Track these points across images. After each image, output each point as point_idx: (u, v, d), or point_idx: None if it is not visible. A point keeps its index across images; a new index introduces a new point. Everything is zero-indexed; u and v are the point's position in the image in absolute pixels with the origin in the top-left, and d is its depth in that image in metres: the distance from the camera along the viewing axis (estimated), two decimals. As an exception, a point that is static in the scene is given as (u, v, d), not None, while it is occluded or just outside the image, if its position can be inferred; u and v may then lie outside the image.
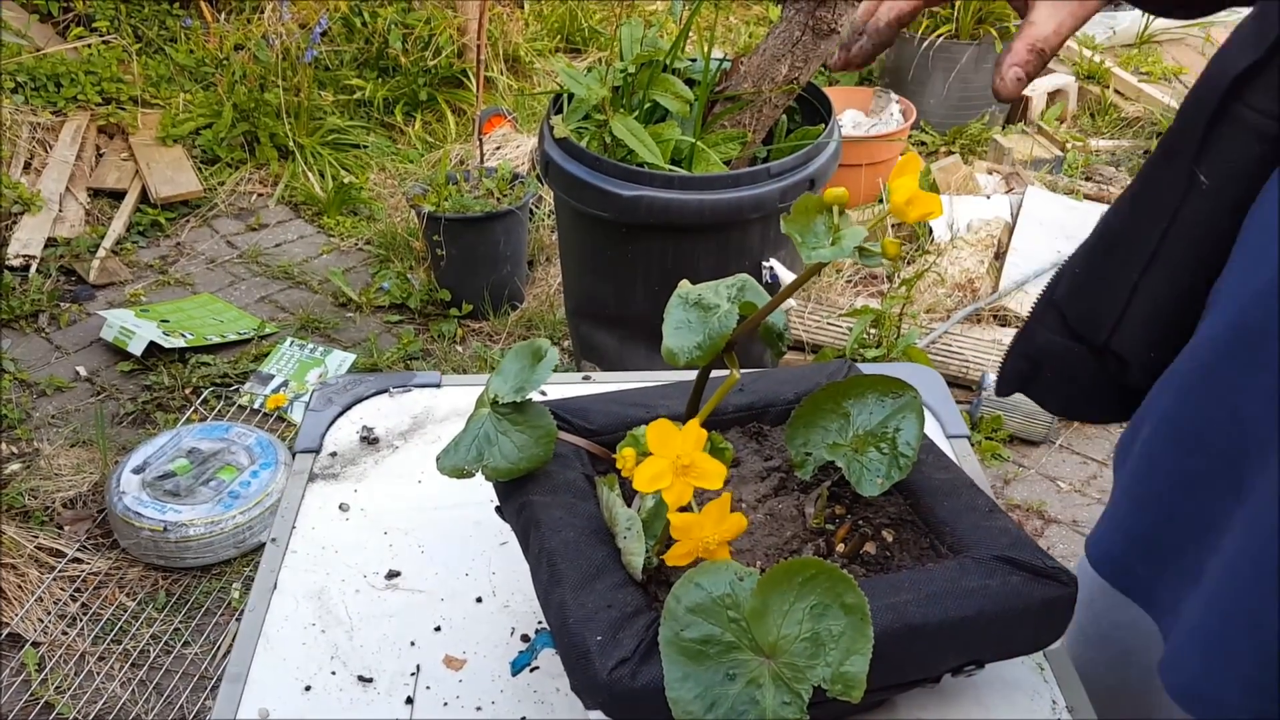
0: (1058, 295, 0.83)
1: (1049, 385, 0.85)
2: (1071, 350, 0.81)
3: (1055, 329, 0.82)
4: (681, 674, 0.62)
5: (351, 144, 3.75)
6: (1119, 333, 0.76)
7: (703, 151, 2.23)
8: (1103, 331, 0.78)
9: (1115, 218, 0.79)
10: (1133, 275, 0.75)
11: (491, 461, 0.79)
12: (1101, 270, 0.79)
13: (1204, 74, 0.69)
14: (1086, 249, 0.81)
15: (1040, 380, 0.85)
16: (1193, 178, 0.69)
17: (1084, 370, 0.81)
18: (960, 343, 2.84)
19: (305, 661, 0.85)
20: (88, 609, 2.18)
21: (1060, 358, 0.82)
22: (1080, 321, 0.80)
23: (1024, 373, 0.86)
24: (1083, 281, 0.80)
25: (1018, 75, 0.70)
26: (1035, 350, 0.84)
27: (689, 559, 0.68)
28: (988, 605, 0.70)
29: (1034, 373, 0.85)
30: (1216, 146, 0.67)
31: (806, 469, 0.82)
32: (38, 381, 2.76)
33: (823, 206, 0.63)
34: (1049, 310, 0.83)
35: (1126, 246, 0.76)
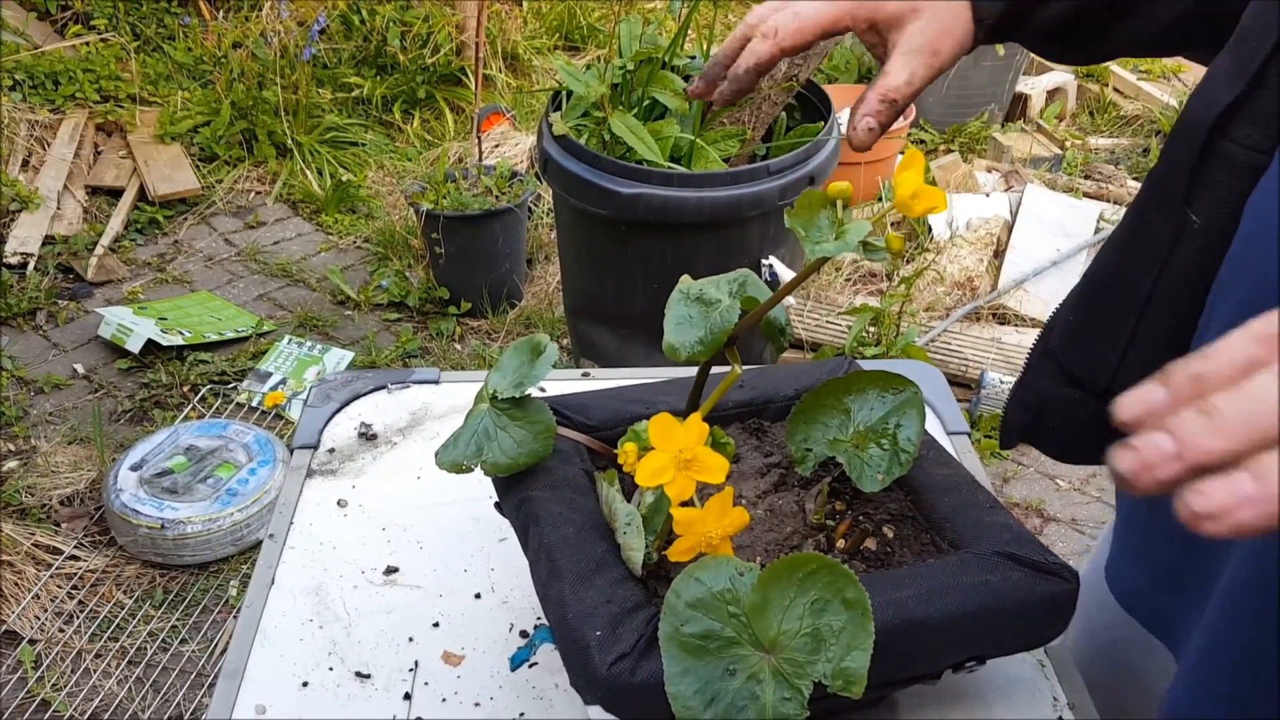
0: (1053, 344, 0.81)
1: (1052, 433, 0.83)
2: (1072, 398, 0.79)
3: (1054, 378, 0.80)
4: (681, 669, 0.62)
5: (350, 142, 3.74)
6: (1119, 379, 0.74)
7: (702, 149, 2.23)
8: (1103, 379, 0.76)
9: (1105, 265, 0.76)
10: (1128, 323, 0.72)
11: (491, 457, 0.79)
12: (1095, 319, 0.77)
13: (1184, 114, 0.68)
14: (1077, 296, 0.79)
15: (1043, 429, 0.83)
16: (1183, 218, 0.67)
17: (1087, 416, 0.79)
18: (959, 341, 2.84)
19: (303, 657, 0.84)
20: (85, 606, 2.18)
21: (1062, 406, 0.80)
22: (1079, 370, 0.78)
23: (1027, 423, 0.84)
24: (1077, 330, 0.78)
25: (869, 125, 0.70)
26: (1035, 400, 0.82)
27: (691, 554, 0.68)
28: (989, 601, 0.69)
29: (1036, 422, 0.83)
30: (1206, 185, 0.66)
31: (807, 465, 0.81)
32: (35, 379, 2.75)
33: (826, 201, 0.63)
34: (1046, 360, 0.81)
35: (1119, 294, 0.73)
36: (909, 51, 0.71)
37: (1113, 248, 0.76)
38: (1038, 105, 4.09)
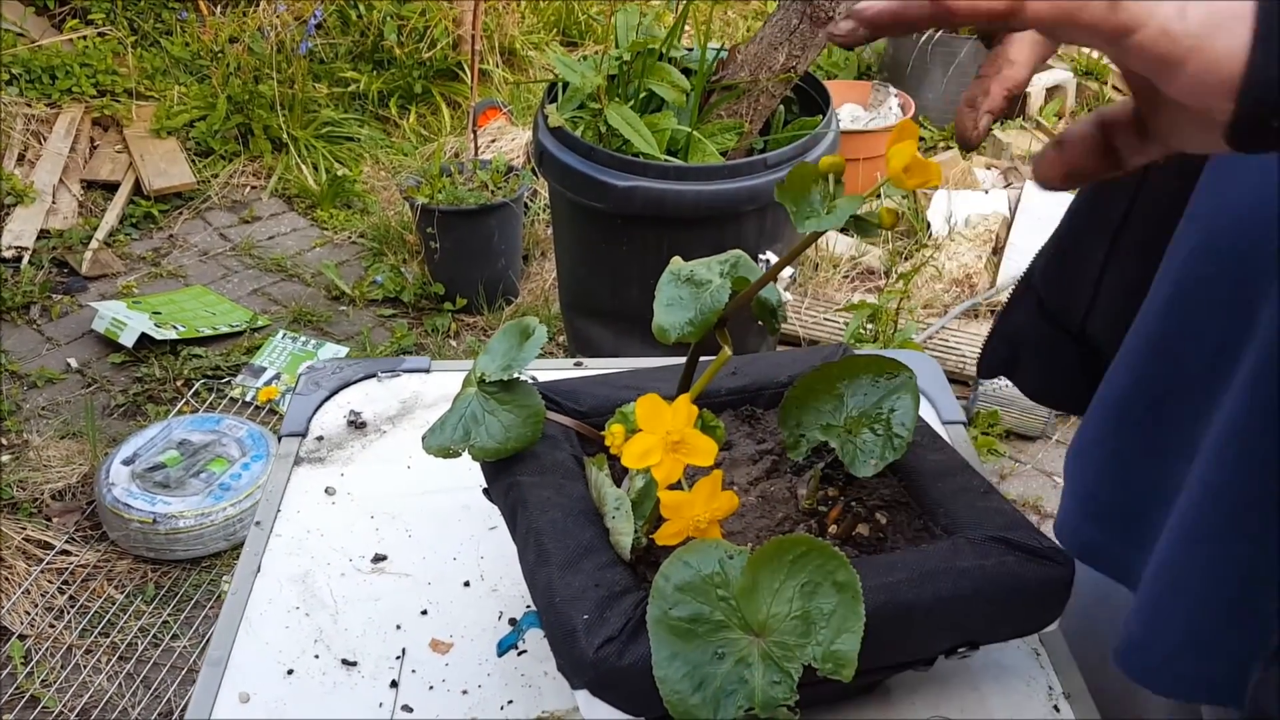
0: (1034, 279, 0.82)
1: (1029, 369, 0.84)
2: (1049, 334, 0.80)
3: (1033, 312, 0.81)
4: (669, 653, 0.61)
5: (345, 136, 3.73)
6: (1092, 317, 0.76)
7: (699, 142, 2.22)
8: (1077, 315, 0.77)
9: (1080, 198, 0.78)
10: (1099, 255, 0.74)
11: (478, 441, 0.77)
12: (1071, 252, 0.78)
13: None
14: (1058, 233, 0.81)
15: (1020, 364, 0.84)
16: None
17: (1062, 355, 0.80)
18: (957, 338, 2.83)
19: (288, 645, 0.83)
20: (75, 601, 2.17)
21: (1039, 341, 0.81)
22: (1056, 305, 0.79)
23: (1004, 355, 0.85)
24: (1054, 263, 0.80)
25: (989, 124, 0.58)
26: (1014, 332, 0.83)
27: (679, 538, 0.66)
28: (982, 585, 0.68)
29: (1014, 356, 0.84)
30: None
31: (799, 451, 0.80)
32: (28, 373, 2.74)
33: (818, 175, 0.62)
34: (1027, 293, 0.83)
35: (1092, 226, 0.75)
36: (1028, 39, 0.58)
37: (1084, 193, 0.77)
38: (1037, 103, 4.07)
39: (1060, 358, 0.81)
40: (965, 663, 0.81)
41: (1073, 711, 0.80)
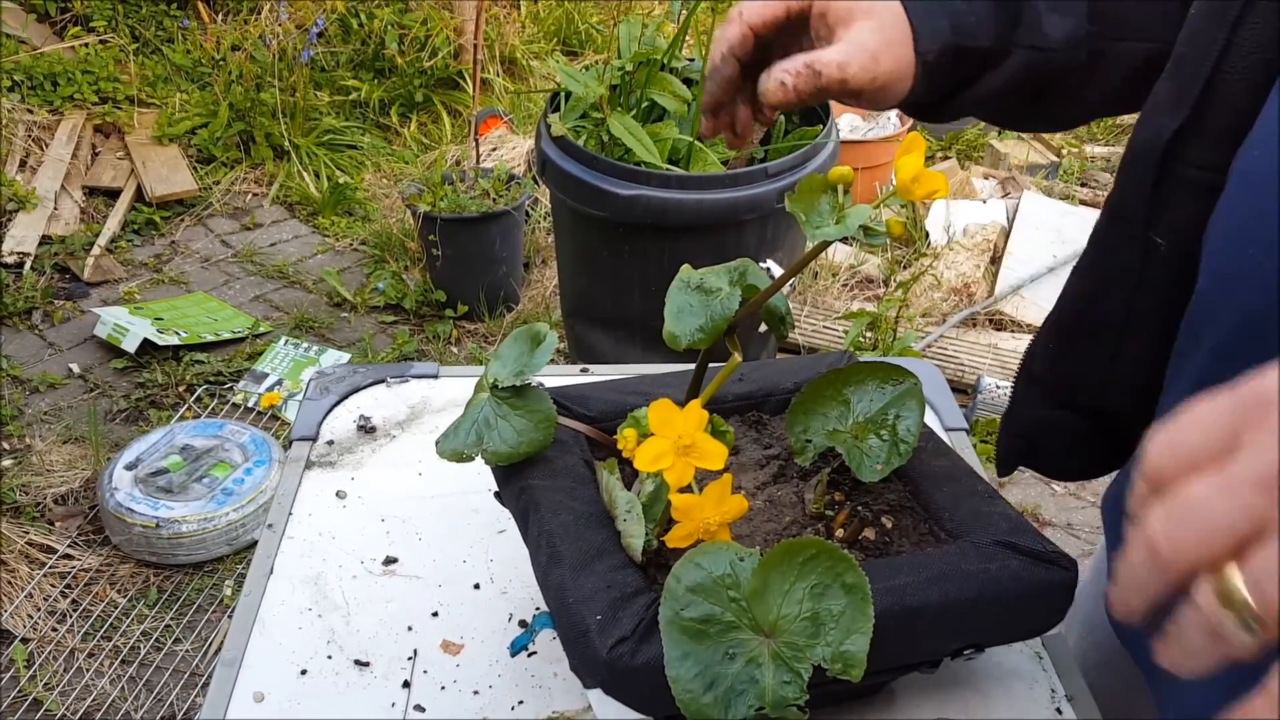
0: (1035, 371, 0.81)
1: (1047, 454, 0.83)
2: (1062, 419, 0.79)
3: (1040, 404, 0.80)
4: (681, 653, 0.62)
5: (347, 144, 3.74)
6: (1106, 396, 0.74)
7: (700, 151, 2.23)
8: (1090, 398, 0.76)
9: (1076, 292, 0.77)
10: (1107, 345, 0.73)
11: (491, 445, 0.79)
12: (1073, 344, 0.77)
13: (1133, 142, 0.68)
14: (1053, 323, 0.79)
15: (1038, 452, 0.83)
16: (1148, 243, 0.67)
17: (1079, 434, 0.79)
18: (956, 346, 2.84)
19: (301, 646, 0.84)
20: (78, 605, 2.17)
21: (1052, 428, 0.80)
22: (1064, 392, 0.78)
23: (1020, 450, 0.84)
24: (1057, 357, 0.78)
25: (781, 80, 0.68)
26: (1025, 427, 0.82)
27: (690, 540, 0.68)
28: (987, 589, 0.70)
29: (1029, 447, 0.83)
30: (1165, 208, 0.66)
31: (806, 456, 0.82)
32: (31, 378, 2.75)
33: (827, 186, 0.63)
34: (1030, 386, 0.81)
35: (1093, 319, 0.74)
36: (850, 42, 0.69)
37: (1081, 275, 0.76)
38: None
39: (1078, 437, 0.79)
40: (969, 665, 0.82)
41: (1075, 714, 0.81)
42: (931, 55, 0.71)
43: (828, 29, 0.71)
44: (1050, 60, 0.73)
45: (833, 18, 0.70)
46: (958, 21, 0.72)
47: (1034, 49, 0.73)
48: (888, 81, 0.70)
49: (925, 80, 0.72)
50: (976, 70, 0.74)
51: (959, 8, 0.72)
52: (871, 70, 0.68)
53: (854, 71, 0.68)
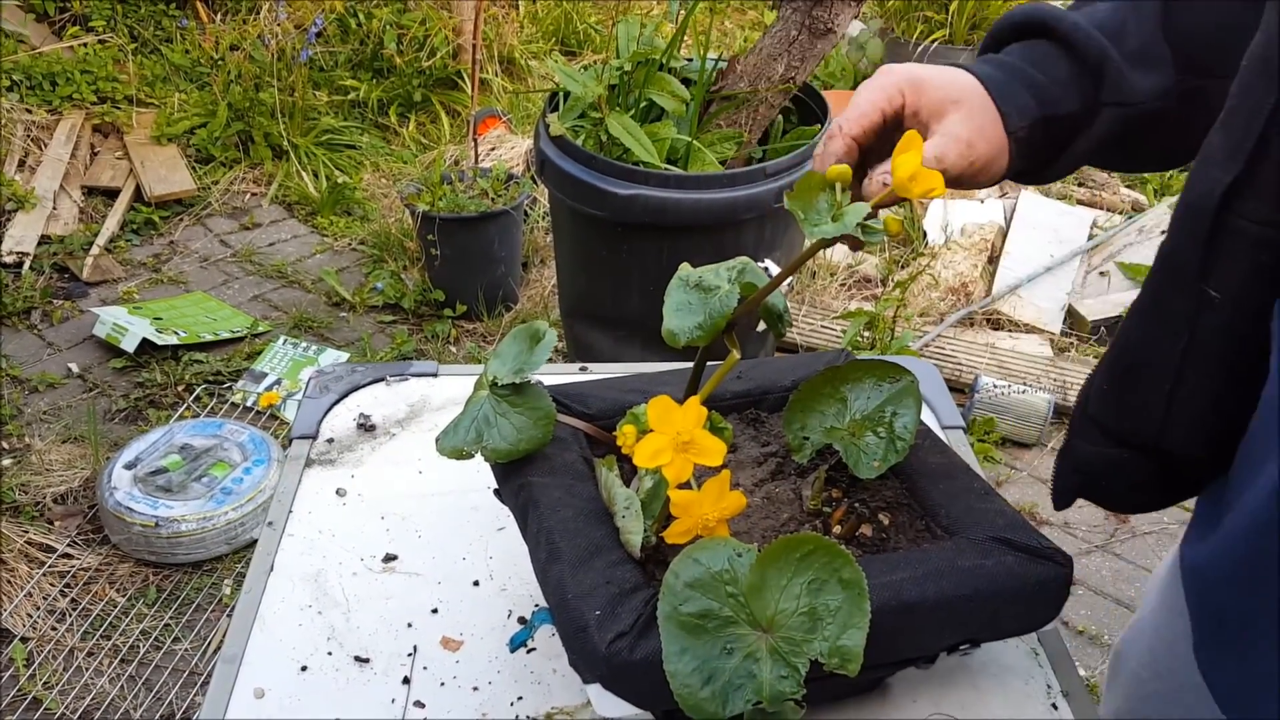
0: (1091, 410, 0.80)
1: (1105, 489, 0.82)
2: (1120, 457, 0.78)
3: (1097, 441, 0.79)
4: (679, 647, 0.63)
5: (346, 144, 3.75)
6: (1165, 437, 0.73)
7: (699, 151, 2.24)
8: (1148, 438, 0.75)
9: (1132, 335, 0.76)
10: (1163, 390, 0.72)
11: (490, 443, 0.79)
12: (1129, 388, 0.76)
13: (1187, 194, 0.68)
14: (1109, 365, 0.78)
15: (1095, 486, 0.82)
16: (1201, 294, 0.67)
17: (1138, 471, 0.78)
18: (953, 345, 2.85)
19: (302, 642, 0.85)
20: (77, 604, 2.18)
21: (1110, 465, 0.79)
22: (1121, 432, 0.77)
23: (1077, 485, 0.83)
24: (1112, 399, 0.78)
25: (883, 181, 0.71)
26: (1083, 464, 0.81)
27: (688, 536, 0.68)
28: (983, 584, 0.70)
29: (1087, 482, 0.82)
30: (1220, 261, 0.66)
31: (804, 453, 0.82)
32: (30, 378, 2.75)
33: (825, 184, 0.63)
34: (1087, 425, 0.80)
35: (1149, 365, 0.73)
36: (943, 134, 0.73)
37: (1135, 322, 0.75)
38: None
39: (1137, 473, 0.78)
40: (965, 661, 0.83)
41: (1070, 710, 0.81)
42: (1023, 131, 0.75)
43: (921, 125, 0.74)
44: (1142, 112, 0.76)
45: (925, 114, 0.74)
46: (1041, 95, 0.75)
47: (1121, 105, 0.75)
48: (985, 164, 0.74)
49: (1021, 154, 0.76)
50: (1070, 134, 0.77)
51: (1039, 80, 0.76)
52: (968, 156, 0.72)
53: (951, 160, 0.72)
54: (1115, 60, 0.75)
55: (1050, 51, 0.77)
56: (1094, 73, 0.75)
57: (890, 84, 0.75)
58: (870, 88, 0.75)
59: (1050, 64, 0.76)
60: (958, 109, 0.74)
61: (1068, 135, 0.77)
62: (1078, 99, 0.75)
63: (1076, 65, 0.75)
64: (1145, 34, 0.76)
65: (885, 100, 0.75)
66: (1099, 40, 0.75)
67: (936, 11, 3.95)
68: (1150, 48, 0.76)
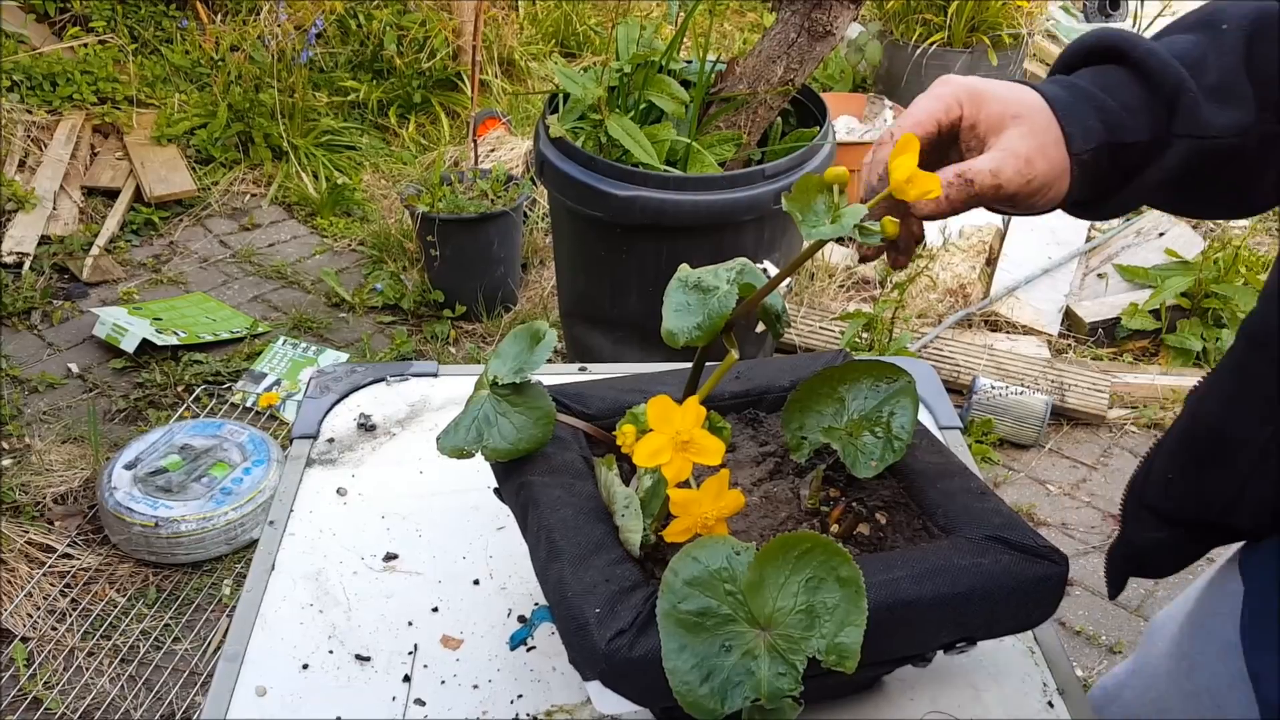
0: (1148, 499, 0.79)
1: (1157, 567, 0.82)
2: (1176, 537, 0.77)
3: (1154, 528, 0.78)
4: (678, 645, 0.63)
5: (345, 145, 3.75)
6: (1232, 516, 0.72)
7: (698, 152, 2.24)
8: (1211, 516, 0.73)
9: (1209, 418, 0.73)
10: (1241, 473, 0.70)
11: (491, 442, 0.80)
12: (1201, 472, 0.74)
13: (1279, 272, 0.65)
14: (1175, 450, 0.77)
15: (1150, 565, 0.82)
16: None
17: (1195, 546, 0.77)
18: (951, 347, 2.86)
19: (303, 641, 0.85)
20: (78, 604, 2.18)
21: (1167, 546, 0.79)
22: (1182, 513, 0.76)
23: (1130, 570, 0.83)
24: (1179, 485, 0.76)
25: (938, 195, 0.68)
26: (1138, 551, 0.81)
27: (687, 535, 0.69)
28: (979, 583, 0.71)
29: (1140, 565, 0.82)
30: None
31: (802, 453, 0.83)
32: (30, 378, 2.75)
33: (823, 186, 0.64)
34: (1141, 513, 0.80)
35: (1230, 448, 0.71)
36: (1002, 149, 0.69)
37: (1214, 401, 0.73)
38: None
39: (1192, 548, 0.78)
40: (961, 659, 0.84)
41: (1066, 707, 0.82)
42: (1087, 155, 0.70)
43: (978, 140, 0.71)
44: (1216, 147, 0.71)
45: (983, 128, 0.70)
46: (1109, 119, 0.71)
47: (1194, 137, 0.71)
48: (1044, 184, 0.70)
49: (1083, 179, 0.71)
50: (1138, 164, 0.73)
51: (1109, 104, 0.71)
52: (1026, 174, 0.68)
53: (1008, 176, 0.68)
54: (1192, 91, 0.70)
55: (1123, 77, 0.72)
56: (1168, 102, 0.71)
57: (948, 94, 0.71)
58: (928, 97, 0.72)
59: (1122, 90, 0.72)
60: (1018, 124, 0.70)
61: (1136, 166, 0.73)
62: (1148, 128, 0.71)
63: (1150, 93, 0.71)
64: (1227, 69, 0.71)
65: (943, 110, 0.71)
66: (1176, 69, 0.70)
67: (935, 14, 3.96)
68: (1231, 83, 0.71)
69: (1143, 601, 2.27)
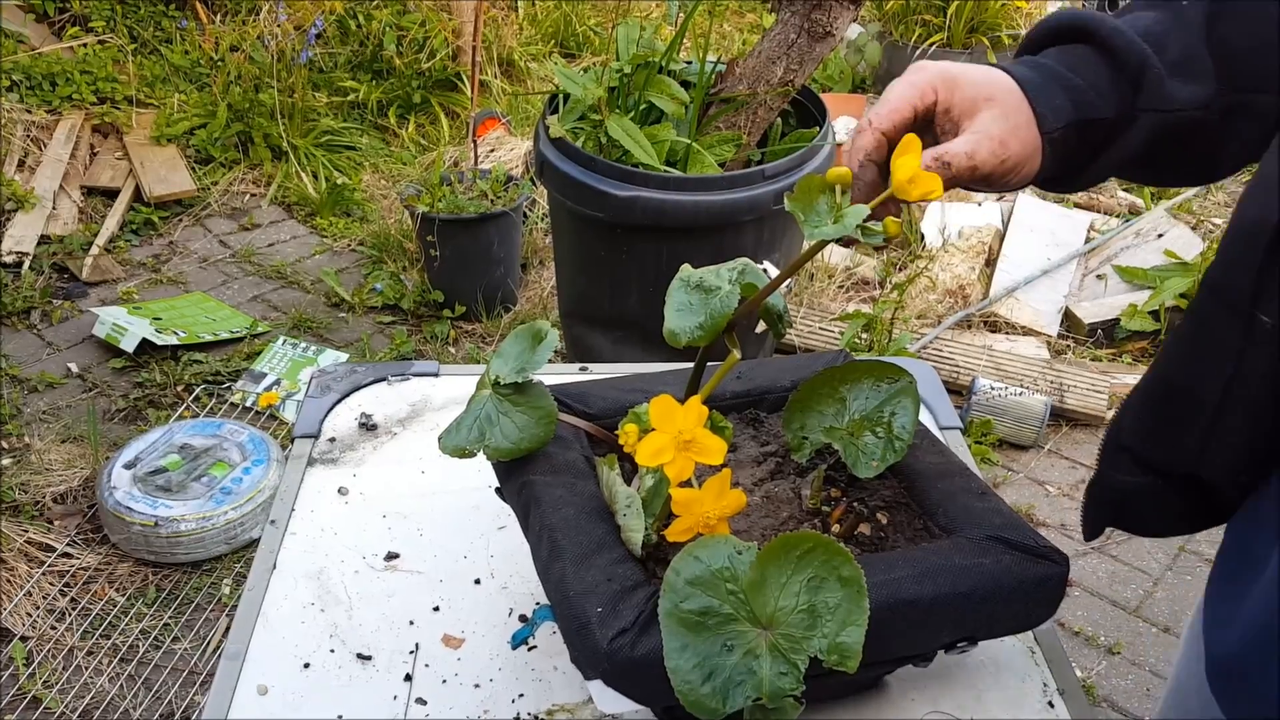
0: (1125, 440, 0.79)
1: (1136, 518, 0.82)
2: (1152, 485, 0.78)
3: (1130, 471, 0.79)
4: (680, 644, 0.63)
5: (345, 145, 3.75)
6: (1203, 466, 0.73)
7: (698, 153, 2.25)
8: (1184, 467, 0.74)
9: (1171, 367, 0.75)
10: (1204, 420, 0.71)
11: (493, 441, 0.80)
12: (1167, 419, 0.75)
13: (1240, 218, 0.67)
14: (1145, 394, 0.78)
15: (1127, 514, 0.82)
16: (1251, 320, 0.66)
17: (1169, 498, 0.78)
18: (951, 348, 2.86)
19: (304, 640, 0.85)
20: (77, 604, 2.18)
21: (1141, 494, 0.79)
22: (1156, 461, 0.77)
23: (1107, 515, 0.83)
24: (1149, 429, 0.77)
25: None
26: (1115, 494, 0.81)
27: (689, 534, 0.69)
28: (980, 583, 0.71)
29: (1119, 512, 0.82)
30: (1274, 287, 0.65)
31: (803, 453, 0.83)
32: (29, 377, 2.75)
33: (825, 186, 0.64)
34: (1119, 454, 0.80)
35: (1190, 393, 0.72)
36: (976, 131, 0.71)
37: (1177, 348, 0.74)
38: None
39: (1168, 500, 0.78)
40: (962, 660, 0.84)
41: (1066, 708, 0.82)
42: (1058, 133, 0.73)
43: (952, 123, 0.73)
44: (1180, 120, 0.74)
45: (957, 112, 0.73)
46: (1078, 98, 0.74)
47: (1158, 111, 0.74)
48: (1017, 163, 0.72)
49: (1054, 156, 0.74)
50: (1106, 139, 0.75)
51: (1076, 83, 0.74)
52: (1000, 155, 0.71)
53: (983, 157, 0.70)
54: (1155, 67, 0.73)
55: (1089, 56, 0.76)
56: (1133, 78, 0.74)
57: (923, 80, 0.74)
58: (903, 83, 0.74)
59: (1088, 68, 0.75)
60: (991, 106, 0.72)
61: (1103, 141, 0.76)
62: (1115, 104, 0.74)
63: (1115, 70, 0.74)
64: (1188, 44, 0.75)
65: (917, 96, 0.73)
66: (1139, 46, 0.74)
67: (935, 15, 3.96)
68: (1192, 58, 0.74)
69: (1141, 602, 2.28)
